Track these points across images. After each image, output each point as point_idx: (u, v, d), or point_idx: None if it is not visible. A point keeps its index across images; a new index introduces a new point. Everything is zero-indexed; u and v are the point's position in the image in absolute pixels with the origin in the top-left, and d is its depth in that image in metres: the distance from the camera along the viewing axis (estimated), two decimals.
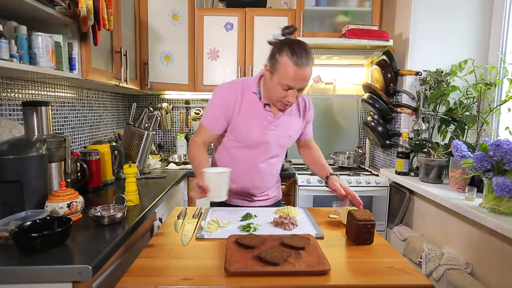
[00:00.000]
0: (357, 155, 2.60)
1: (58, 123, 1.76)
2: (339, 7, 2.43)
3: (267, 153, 1.39)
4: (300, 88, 1.21)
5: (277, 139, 1.37)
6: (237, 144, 1.37)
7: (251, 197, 1.46)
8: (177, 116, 2.85)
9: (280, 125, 1.36)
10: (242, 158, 1.38)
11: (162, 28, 2.32)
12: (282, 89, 1.21)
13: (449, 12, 2.03)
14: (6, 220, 1.02)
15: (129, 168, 1.34)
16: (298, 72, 1.16)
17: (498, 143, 1.28)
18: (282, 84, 1.19)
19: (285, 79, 1.18)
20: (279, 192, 1.60)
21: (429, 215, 1.83)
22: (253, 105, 1.32)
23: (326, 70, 2.78)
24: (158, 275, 0.84)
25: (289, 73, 1.16)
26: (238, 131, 1.34)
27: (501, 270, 1.31)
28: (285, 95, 1.22)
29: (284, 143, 1.42)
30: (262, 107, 1.32)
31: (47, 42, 1.24)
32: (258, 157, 1.38)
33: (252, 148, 1.37)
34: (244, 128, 1.33)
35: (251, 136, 1.34)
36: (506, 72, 1.82)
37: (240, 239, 0.99)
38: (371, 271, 0.88)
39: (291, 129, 1.40)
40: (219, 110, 1.32)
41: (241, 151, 1.38)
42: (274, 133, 1.35)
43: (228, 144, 1.40)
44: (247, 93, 1.33)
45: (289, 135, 1.40)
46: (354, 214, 1.06)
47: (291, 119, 1.40)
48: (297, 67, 1.15)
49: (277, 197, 1.57)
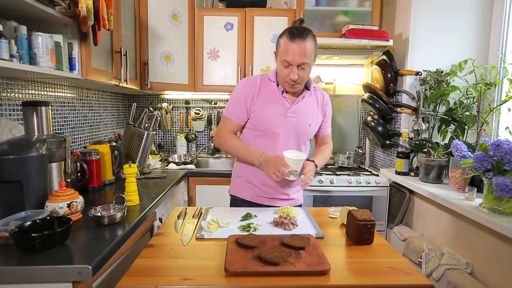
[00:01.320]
0: (357, 155, 2.60)
1: (58, 123, 1.76)
2: (339, 7, 2.43)
3: (288, 142, 1.40)
4: (298, 63, 1.27)
5: (296, 127, 1.40)
6: (258, 133, 1.41)
7: (272, 193, 1.44)
8: (177, 116, 2.85)
9: (298, 112, 1.40)
10: (263, 148, 1.38)
11: (162, 28, 2.32)
12: (283, 67, 1.31)
13: (449, 12, 2.03)
14: (6, 220, 1.02)
15: (129, 168, 1.34)
16: (292, 46, 1.26)
17: (498, 143, 1.28)
18: (282, 61, 1.30)
19: (283, 55, 1.29)
20: (301, 195, 1.57)
21: (429, 215, 1.83)
22: (271, 92, 1.40)
23: (326, 70, 2.78)
24: (158, 275, 0.84)
25: (285, 48, 1.28)
26: (257, 116, 1.39)
27: (501, 270, 1.31)
28: (288, 73, 1.30)
29: (304, 132, 1.43)
30: (280, 93, 1.39)
31: (47, 42, 1.24)
32: (279, 146, 1.38)
33: (272, 136, 1.39)
34: (262, 112, 1.38)
35: (269, 121, 1.38)
36: (506, 72, 1.83)
37: (240, 239, 0.99)
38: (371, 271, 0.88)
39: (310, 118, 1.44)
40: (240, 100, 1.40)
41: (262, 141, 1.40)
42: (292, 120, 1.39)
43: (249, 135, 1.44)
44: (266, 82, 1.42)
45: (309, 124, 1.43)
46: (354, 214, 1.06)
47: (310, 108, 1.44)
48: (291, 42, 1.26)
49: (297, 200, 1.53)
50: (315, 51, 1.33)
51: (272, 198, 1.46)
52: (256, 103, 1.39)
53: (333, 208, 1.36)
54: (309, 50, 1.27)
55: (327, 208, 1.41)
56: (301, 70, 1.29)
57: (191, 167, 2.28)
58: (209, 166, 2.67)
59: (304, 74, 1.31)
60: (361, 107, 2.72)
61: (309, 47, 1.27)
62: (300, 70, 1.29)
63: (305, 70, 1.30)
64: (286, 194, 1.47)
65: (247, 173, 1.46)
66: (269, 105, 1.38)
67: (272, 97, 1.40)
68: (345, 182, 2.16)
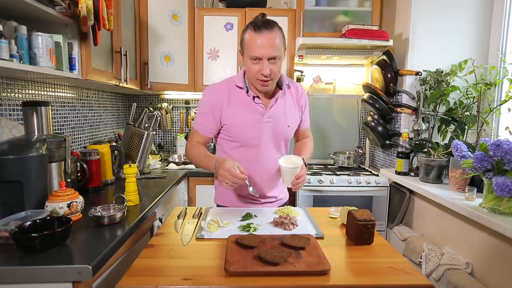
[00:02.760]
0: (357, 155, 2.60)
1: (58, 123, 1.76)
2: (339, 7, 2.43)
3: (268, 148, 1.34)
4: (269, 57, 1.18)
5: (274, 132, 1.33)
6: (235, 144, 1.34)
7: (259, 199, 1.41)
8: (177, 116, 2.85)
9: (274, 116, 1.32)
10: (244, 158, 1.32)
11: (162, 28, 2.32)
12: (252, 64, 1.21)
13: (449, 12, 2.03)
14: (6, 220, 1.02)
15: (129, 168, 1.34)
16: (259, 39, 1.17)
17: (498, 143, 1.28)
18: (250, 57, 1.20)
19: (251, 51, 1.19)
20: (286, 193, 1.54)
21: (429, 215, 1.83)
22: (241, 100, 1.31)
23: (326, 70, 2.78)
24: (158, 275, 0.84)
25: (251, 43, 1.18)
26: (231, 129, 1.31)
27: (501, 270, 1.31)
28: (258, 69, 1.21)
29: (283, 135, 1.37)
30: (252, 100, 1.30)
31: (47, 42, 1.24)
32: (260, 154, 1.34)
33: (252, 146, 1.33)
34: (236, 124, 1.30)
35: (246, 132, 1.30)
36: (506, 72, 1.83)
37: (240, 239, 0.99)
38: (371, 271, 0.88)
39: (287, 119, 1.35)
40: (207, 112, 1.32)
41: (241, 151, 1.35)
42: (270, 125, 1.31)
43: (227, 147, 1.37)
44: (233, 90, 1.32)
45: (287, 125, 1.36)
46: (354, 214, 1.06)
47: (286, 108, 1.35)
48: (257, 34, 1.17)
49: (284, 199, 1.51)
50: (284, 42, 1.23)
51: (259, 203, 1.41)
52: (227, 115, 1.30)
53: (333, 208, 1.36)
54: (278, 41, 1.18)
55: (327, 208, 1.41)
56: (272, 64, 1.20)
57: (191, 167, 2.28)
58: None
59: (275, 69, 1.21)
60: (361, 107, 2.72)
61: (277, 37, 1.18)
62: (271, 64, 1.20)
63: (276, 64, 1.21)
64: (274, 197, 1.45)
65: None
66: (242, 115, 1.30)
67: (244, 106, 1.30)
68: (345, 182, 2.16)
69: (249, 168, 1.30)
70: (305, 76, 2.68)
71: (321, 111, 2.72)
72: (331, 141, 2.77)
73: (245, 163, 1.29)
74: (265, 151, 1.34)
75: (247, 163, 1.30)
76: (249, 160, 1.33)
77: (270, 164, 1.34)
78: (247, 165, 1.29)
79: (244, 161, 1.30)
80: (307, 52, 2.39)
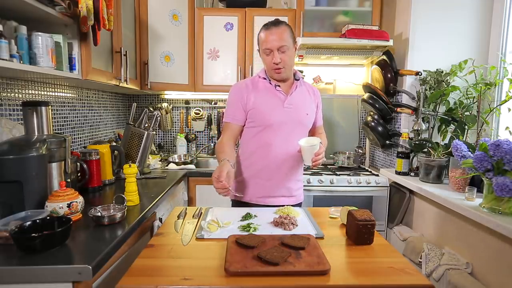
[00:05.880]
0: (357, 155, 2.60)
1: (58, 123, 1.76)
2: (339, 7, 2.43)
3: (288, 134, 1.44)
4: (278, 47, 1.36)
5: (294, 117, 1.45)
6: (258, 128, 1.44)
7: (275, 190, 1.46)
8: (177, 116, 2.85)
9: (294, 103, 1.46)
10: (264, 143, 1.43)
11: (162, 28, 2.32)
12: (266, 56, 1.41)
13: (449, 12, 2.03)
14: (6, 220, 1.02)
15: (129, 168, 1.34)
16: (268, 34, 1.38)
17: (498, 143, 1.28)
18: (263, 50, 1.41)
19: (263, 45, 1.40)
20: (302, 193, 1.59)
21: (429, 215, 1.83)
22: (264, 88, 1.46)
23: (326, 70, 2.78)
24: (158, 275, 0.84)
25: (264, 38, 1.39)
26: (255, 113, 1.43)
27: (501, 270, 1.31)
28: (271, 59, 1.39)
29: (303, 122, 1.49)
30: (273, 88, 1.45)
31: (47, 42, 1.24)
32: (281, 138, 1.43)
33: (273, 130, 1.42)
34: (260, 108, 1.43)
35: (269, 114, 1.42)
36: (506, 72, 1.83)
37: (240, 239, 0.99)
38: (371, 271, 0.88)
39: (306, 108, 1.50)
40: (235, 102, 1.45)
41: (263, 136, 1.43)
42: (290, 111, 1.44)
43: (250, 134, 1.47)
44: (257, 81, 1.49)
45: (306, 113, 1.49)
46: (354, 214, 1.06)
47: (305, 98, 1.51)
48: (267, 31, 1.39)
49: (298, 198, 1.56)
50: (292, 36, 1.41)
51: (274, 197, 1.47)
52: (252, 101, 1.43)
53: (333, 208, 1.36)
54: (285, 34, 1.37)
55: (327, 208, 1.41)
56: (282, 53, 1.37)
57: (191, 167, 2.29)
58: (209, 166, 2.67)
59: (285, 57, 1.38)
60: (361, 107, 2.72)
61: (284, 31, 1.37)
62: (281, 53, 1.37)
63: (285, 53, 1.38)
64: (288, 189, 1.49)
65: (248, 175, 1.48)
66: (265, 100, 1.44)
67: (267, 93, 1.45)
68: (345, 182, 2.16)
69: (268, 153, 1.44)
70: (305, 76, 2.67)
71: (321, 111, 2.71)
72: (331, 141, 2.76)
73: (264, 149, 1.44)
74: (286, 137, 1.44)
75: (266, 149, 1.44)
76: (268, 146, 1.43)
77: (290, 150, 1.44)
78: (266, 151, 1.44)
79: (264, 146, 1.44)
80: (307, 52, 2.39)
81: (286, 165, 1.46)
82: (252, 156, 1.47)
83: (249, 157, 1.48)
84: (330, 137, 2.75)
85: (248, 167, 1.48)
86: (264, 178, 1.46)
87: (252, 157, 1.47)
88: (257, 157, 1.46)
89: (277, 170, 1.45)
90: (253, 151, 1.46)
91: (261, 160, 1.45)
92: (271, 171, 1.45)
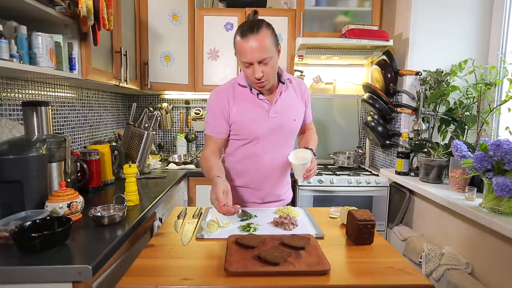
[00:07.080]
0: (357, 155, 2.60)
1: (58, 123, 1.76)
2: (339, 7, 2.43)
3: (275, 144, 1.35)
4: (258, 60, 1.17)
5: (281, 126, 1.34)
6: (243, 141, 1.35)
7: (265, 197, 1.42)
8: (177, 116, 2.85)
9: (280, 111, 1.33)
10: (250, 154, 1.35)
11: (162, 28, 2.32)
12: (245, 68, 1.22)
13: (449, 12, 2.03)
14: (6, 220, 1.02)
15: (129, 168, 1.34)
16: (244, 45, 1.17)
17: (498, 143, 1.28)
18: (242, 62, 1.22)
19: (241, 56, 1.21)
20: (290, 193, 1.55)
21: (429, 215, 1.83)
22: (246, 98, 1.32)
23: (326, 70, 2.78)
24: (158, 275, 0.84)
25: (240, 49, 1.19)
26: (240, 126, 1.32)
27: (501, 270, 1.31)
28: (251, 73, 1.21)
29: (290, 129, 1.38)
30: (256, 97, 1.32)
31: (47, 42, 1.24)
32: (267, 150, 1.35)
33: (259, 142, 1.33)
34: (244, 121, 1.31)
35: (253, 128, 1.31)
36: (506, 72, 1.82)
37: (240, 239, 0.99)
38: (371, 271, 0.88)
39: (293, 113, 1.37)
40: (215, 112, 1.33)
41: (247, 149, 1.35)
42: (276, 120, 1.33)
43: (235, 146, 1.38)
44: (238, 89, 1.34)
45: (293, 120, 1.37)
46: (354, 214, 1.06)
47: (291, 102, 1.37)
48: (242, 40, 1.18)
49: (287, 200, 1.52)
50: (274, 40, 1.21)
51: (264, 203, 1.43)
52: (234, 113, 1.31)
53: (333, 208, 1.36)
54: (266, 43, 1.16)
55: (327, 208, 1.41)
56: (264, 65, 1.19)
57: (191, 167, 2.28)
58: None
59: (268, 69, 1.21)
60: (361, 107, 2.72)
61: (264, 40, 1.16)
62: (262, 66, 1.19)
63: (268, 64, 1.19)
64: (276, 195, 1.45)
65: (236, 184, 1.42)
66: (248, 112, 1.31)
67: (249, 103, 1.32)
68: (345, 182, 2.16)
69: (256, 165, 1.36)
70: (305, 76, 2.68)
71: (321, 111, 2.72)
72: (331, 141, 2.77)
73: (252, 160, 1.35)
74: (273, 147, 1.35)
75: (254, 160, 1.35)
76: (256, 157, 1.35)
77: (278, 159, 1.36)
78: (254, 163, 1.35)
79: (251, 158, 1.35)
80: (307, 52, 2.39)
81: (275, 174, 1.39)
82: (239, 166, 1.40)
83: (236, 166, 1.41)
84: (330, 137, 2.76)
85: (236, 175, 1.42)
86: (253, 187, 1.40)
87: (239, 167, 1.40)
88: (244, 167, 1.39)
89: (265, 180, 1.39)
90: (239, 161, 1.39)
91: (249, 171, 1.38)
92: (259, 182, 1.39)
